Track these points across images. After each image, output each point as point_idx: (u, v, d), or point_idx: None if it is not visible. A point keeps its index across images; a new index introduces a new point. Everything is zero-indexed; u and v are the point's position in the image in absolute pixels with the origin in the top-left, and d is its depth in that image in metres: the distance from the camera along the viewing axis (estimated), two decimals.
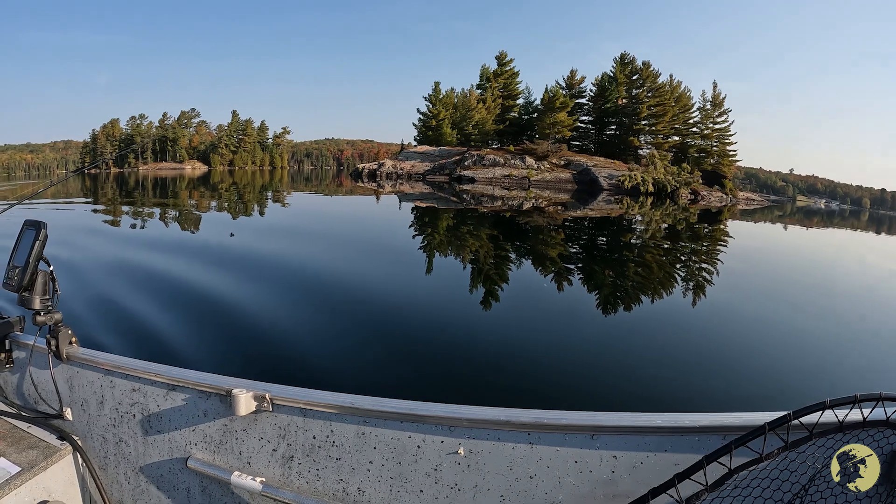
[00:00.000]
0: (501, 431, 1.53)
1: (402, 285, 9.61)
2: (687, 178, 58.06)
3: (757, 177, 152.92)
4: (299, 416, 1.76)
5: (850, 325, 8.99)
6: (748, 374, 6.02)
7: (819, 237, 32.19)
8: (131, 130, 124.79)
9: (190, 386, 1.91)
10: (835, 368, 6.54)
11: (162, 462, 2.03)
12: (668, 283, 11.46)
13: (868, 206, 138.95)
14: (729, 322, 8.55)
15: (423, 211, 26.84)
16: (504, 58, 75.93)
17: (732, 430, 1.35)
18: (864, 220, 70.19)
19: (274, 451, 1.81)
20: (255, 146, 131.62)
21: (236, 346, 5.99)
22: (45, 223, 2.11)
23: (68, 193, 32.66)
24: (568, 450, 1.47)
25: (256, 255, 11.89)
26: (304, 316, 7.24)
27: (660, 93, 69.48)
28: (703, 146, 69.85)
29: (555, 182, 57.68)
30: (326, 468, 1.74)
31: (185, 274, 9.30)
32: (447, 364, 5.74)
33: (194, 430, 1.93)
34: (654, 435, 1.42)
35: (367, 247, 14.29)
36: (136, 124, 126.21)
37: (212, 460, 1.91)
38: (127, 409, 2.07)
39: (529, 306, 8.70)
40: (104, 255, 11.01)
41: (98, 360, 2.13)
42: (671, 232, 23.53)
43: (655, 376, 5.71)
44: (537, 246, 16.10)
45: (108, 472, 2.19)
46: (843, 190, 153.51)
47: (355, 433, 1.68)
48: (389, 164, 67.62)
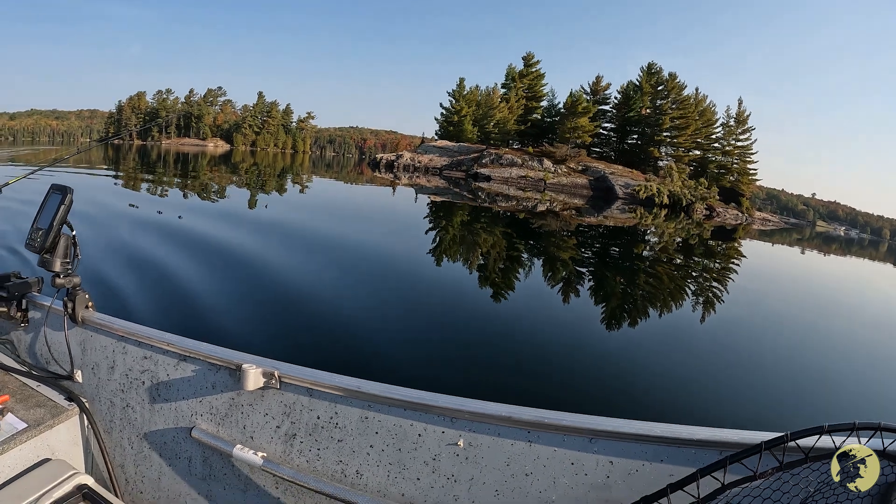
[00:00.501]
0: (502, 427, 1.56)
1: (415, 277, 9.72)
2: (703, 193, 57.74)
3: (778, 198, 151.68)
4: (305, 396, 1.79)
5: (856, 354, 8.92)
6: (748, 393, 6.04)
7: (836, 265, 31.70)
8: (157, 105, 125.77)
9: (201, 358, 1.95)
10: (836, 395, 6.54)
11: (167, 430, 2.07)
12: (677, 297, 11.45)
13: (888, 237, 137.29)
14: (733, 341, 8.55)
15: (438, 206, 26.85)
16: (531, 59, 76.07)
17: (728, 446, 1.37)
18: (883, 250, 69.18)
19: (278, 427, 1.85)
20: (278, 129, 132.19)
21: (248, 321, 6.04)
22: (71, 188, 2.15)
23: (91, 162, 32.84)
24: (566, 451, 1.51)
25: (275, 235, 12.03)
26: (317, 297, 7.32)
27: (684, 105, 69.00)
28: (724, 162, 69.33)
29: (570, 186, 57.64)
30: (328, 448, 1.77)
31: (200, 249, 9.46)
32: (453, 356, 5.83)
33: (201, 401, 1.98)
34: (651, 444, 1.44)
35: (385, 237, 14.38)
36: (163, 99, 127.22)
37: (216, 432, 1.95)
38: (137, 375, 2.11)
39: (538, 308, 8.72)
40: (125, 224, 11.21)
41: (113, 326, 2.17)
42: (684, 247, 23.39)
43: (655, 386, 5.76)
44: (550, 248, 16.15)
45: (113, 435, 2.22)
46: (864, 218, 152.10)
47: (359, 416, 1.72)
48: (408, 156, 68.09)
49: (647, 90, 70.38)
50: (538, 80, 75.96)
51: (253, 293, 7.14)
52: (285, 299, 7.02)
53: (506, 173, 58.39)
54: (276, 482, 1.86)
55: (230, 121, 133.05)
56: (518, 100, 74.49)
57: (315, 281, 8.22)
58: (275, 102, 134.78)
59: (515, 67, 76.55)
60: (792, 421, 5.17)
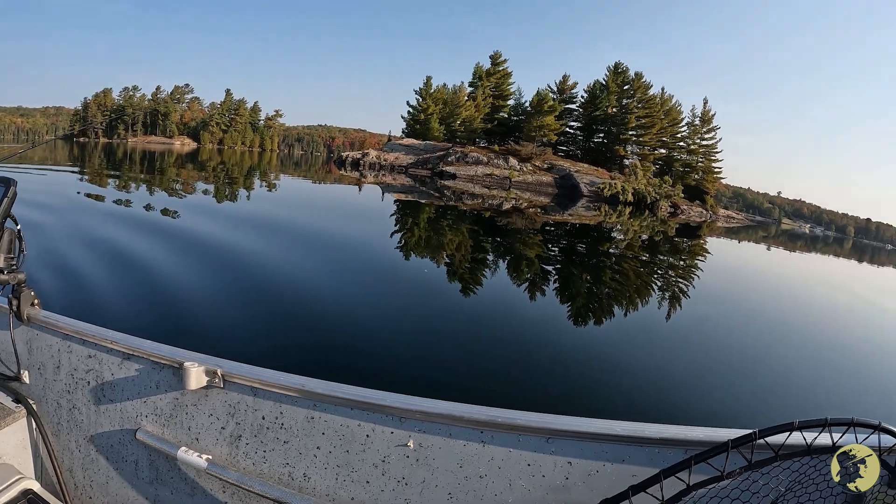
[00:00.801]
0: (453, 427, 1.49)
1: (369, 274, 9.60)
2: (668, 191, 58.39)
3: (745, 196, 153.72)
4: (250, 395, 1.71)
5: (824, 350, 8.88)
6: (715, 391, 5.92)
7: (800, 261, 32.18)
8: (123, 101, 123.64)
9: (144, 356, 1.86)
10: (806, 392, 6.42)
11: (113, 432, 1.98)
12: (643, 295, 11.32)
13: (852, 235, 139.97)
14: (700, 338, 8.43)
15: (404, 204, 26.71)
16: (498, 58, 75.94)
17: (694, 445, 1.31)
18: (847, 248, 70.80)
19: (223, 428, 1.76)
20: (246, 127, 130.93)
21: (195, 318, 5.92)
22: (14, 180, 2.01)
23: (56, 160, 32.84)
24: (521, 452, 1.43)
25: (227, 234, 11.82)
26: (266, 293, 7.23)
27: (650, 104, 69.76)
28: (689, 161, 70.14)
29: (536, 184, 57.68)
30: (274, 450, 1.69)
31: (151, 247, 9.25)
32: (404, 354, 5.69)
33: (146, 401, 1.88)
34: (612, 443, 1.38)
35: (341, 236, 14.08)
36: (129, 96, 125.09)
37: (161, 433, 1.87)
38: (82, 375, 2.00)
39: (498, 305, 8.55)
40: (76, 221, 10.98)
41: (58, 324, 2.06)
42: (650, 244, 23.53)
43: (619, 385, 5.62)
44: (515, 246, 16.03)
45: (61, 438, 2.12)
46: (828, 216, 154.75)
47: (304, 417, 1.64)
48: (373, 154, 67.61)
49: (614, 89, 70.89)
50: (505, 79, 75.81)
51: (201, 289, 6.98)
52: (233, 295, 6.96)
53: (471, 171, 58.24)
54: (223, 486, 1.78)
55: (197, 118, 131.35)
56: (485, 98, 74.25)
57: (266, 277, 8.15)
58: (242, 100, 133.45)
59: (483, 66, 76.28)
60: (761, 419, 4.97)
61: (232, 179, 28.87)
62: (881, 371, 8.09)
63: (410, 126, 77.64)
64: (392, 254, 11.86)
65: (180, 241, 9.84)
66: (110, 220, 11.31)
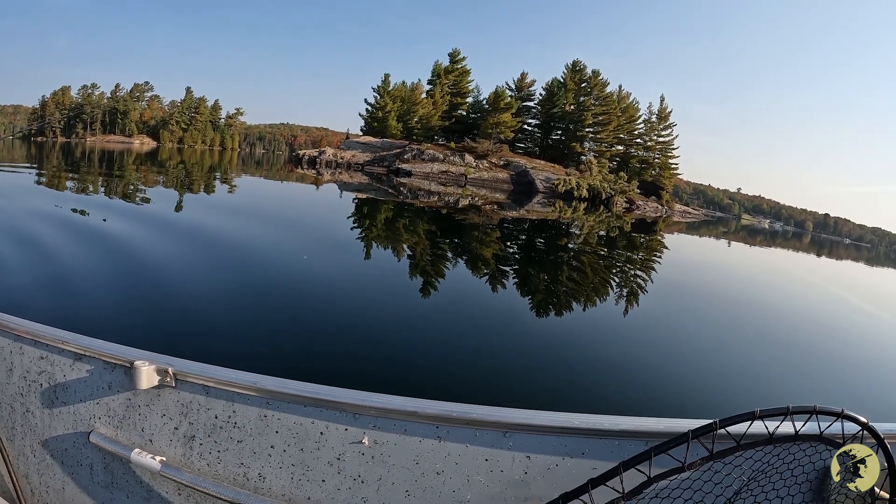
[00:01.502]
0: (408, 423, 1.46)
1: (325, 269, 9.42)
2: (623, 187, 59.03)
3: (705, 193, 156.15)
4: (202, 394, 1.65)
5: (785, 341, 8.93)
6: (674, 382, 5.86)
7: (759, 255, 32.65)
8: (82, 100, 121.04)
9: (96, 356, 1.76)
10: (766, 382, 6.43)
11: (66, 435, 1.89)
12: (601, 289, 11.26)
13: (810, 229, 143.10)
14: (659, 331, 8.39)
15: (362, 201, 26.50)
16: (457, 55, 76.02)
17: (655, 436, 1.31)
18: (806, 242, 72.51)
19: (176, 429, 1.70)
20: (206, 125, 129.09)
21: (146, 316, 5.76)
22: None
23: (13, 159, 32.15)
24: (478, 448, 1.41)
25: (181, 227, 11.86)
26: (217, 290, 7.05)
27: (606, 101, 70.62)
28: (646, 157, 71.00)
29: (492, 181, 57.91)
30: (228, 450, 1.64)
31: (99, 242, 9.11)
32: (358, 349, 5.55)
33: (98, 402, 1.80)
34: (571, 436, 1.36)
35: (297, 231, 14.00)
36: (88, 94, 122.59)
37: (114, 436, 1.79)
38: (35, 377, 1.91)
39: (455, 300, 8.43)
40: (26, 218, 10.71)
41: (9, 325, 1.95)
42: (607, 239, 23.68)
43: (576, 379, 5.53)
44: (472, 244, 15.81)
45: (15, 443, 2.03)
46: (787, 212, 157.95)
47: (257, 415, 1.59)
48: (330, 152, 67.40)
49: (571, 87, 71.58)
50: (464, 77, 75.89)
51: (152, 286, 6.86)
52: (185, 292, 6.77)
53: (427, 168, 58.27)
54: (178, 488, 1.72)
55: (157, 117, 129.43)
56: (443, 96, 74.25)
57: (218, 274, 7.95)
58: (203, 98, 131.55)
59: (442, 64, 76.24)
60: (722, 410, 4.87)
61: (191, 181, 28.11)
62: (843, 360, 8.21)
63: (369, 124, 77.33)
64: (352, 250, 11.84)
65: (137, 239, 9.64)
66: (65, 220, 11.01)
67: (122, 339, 1.80)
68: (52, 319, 2.01)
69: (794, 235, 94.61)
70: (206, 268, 8.30)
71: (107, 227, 10.56)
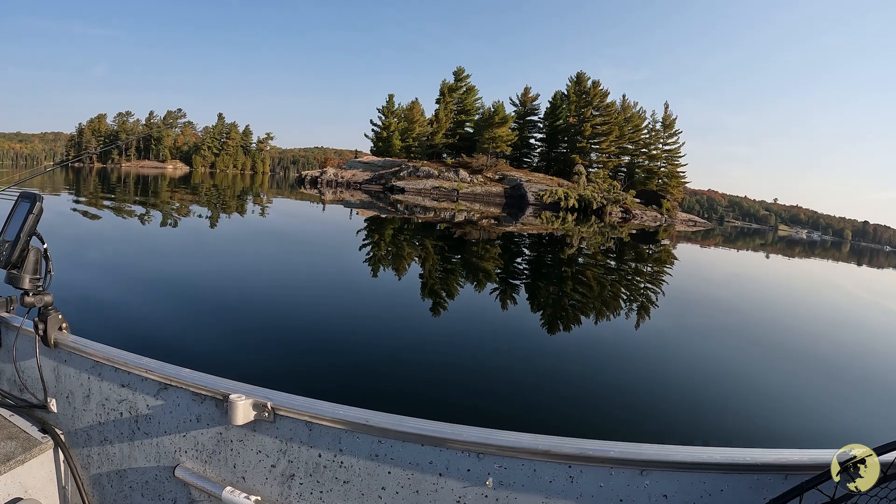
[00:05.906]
0: (538, 462, 1.35)
1: (416, 297, 8.95)
2: (617, 196, 58.40)
3: (741, 205, 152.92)
4: (304, 430, 1.58)
5: None
6: (784, 408, 5.49)
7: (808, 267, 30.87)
8: (117, 127, 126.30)
9: (183, 387, 1.73)
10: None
11: (148, 468, 1.85)
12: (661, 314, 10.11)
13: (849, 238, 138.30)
14: (750, 354, 7.70)
15: (371, 221, 25.53)
16: (461, 73, 76.84)
17: (795, 469, 1.21)
18: (846, 251, 68.81)
19: (273, 467, 1.63)
20: (237, 150, 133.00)
21: (236, 347, 5.54)
22: (41, 196, 1.93)
23: (54, 187, 32.14)
24: (613, 487, 1.31)
25: (257, 257, 11.77)
26: (315, 321, 6.83)
27: (608, 111, 70.08)
28: (651, 166, 70.13)
29: (484, 195, 58.31)
30: (332, 491, 1.56)
31: (184, 270, 9.24)
32: (477, 383, 5.24)
33: (185, 435, 1.76)
34: (708, 472, 1.27)
35: (368, 257, 13.43)
36: (123, 121, 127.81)
37: (202, 471, 1.74)
38: (114, 405, 1.89)
39: (556, 330, 7.76)
40: (100, 245, 11.02)
41: (87, 350, 1.94)
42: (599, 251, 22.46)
43: (669, 405, 5.22)
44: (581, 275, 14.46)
45: (91, 472, 2.00)
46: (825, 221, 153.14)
47: (367, 454, 1.50)
48: (331, 171, 69.19)
49: (574, 99, 71.39)
50: (469, 94, 76.60)
51: (240, 316, 6.65)
52: (279, 322, 6.57)
53: (420, 185, 58.97)
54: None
55: (190, 142, 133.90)
56: (447, 114, 75.31)
57: (314, 304, 7.71)
58: (234, 124, 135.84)
59: (448, 82, 77.23)
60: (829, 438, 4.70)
61: (228, 203, 28.12)
62: None
63: (375, 144, 79.43)
64: (429, 278, 10.91)
65: (214, 266, 9.70)
66: (137, 246, 11.18)
67: (209, 368, 1.77)
68: (134, 347, 1.91)
69: (832, 245, 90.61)
70: (296, 296, 8.05)
71: (180, 254, 10.76)
